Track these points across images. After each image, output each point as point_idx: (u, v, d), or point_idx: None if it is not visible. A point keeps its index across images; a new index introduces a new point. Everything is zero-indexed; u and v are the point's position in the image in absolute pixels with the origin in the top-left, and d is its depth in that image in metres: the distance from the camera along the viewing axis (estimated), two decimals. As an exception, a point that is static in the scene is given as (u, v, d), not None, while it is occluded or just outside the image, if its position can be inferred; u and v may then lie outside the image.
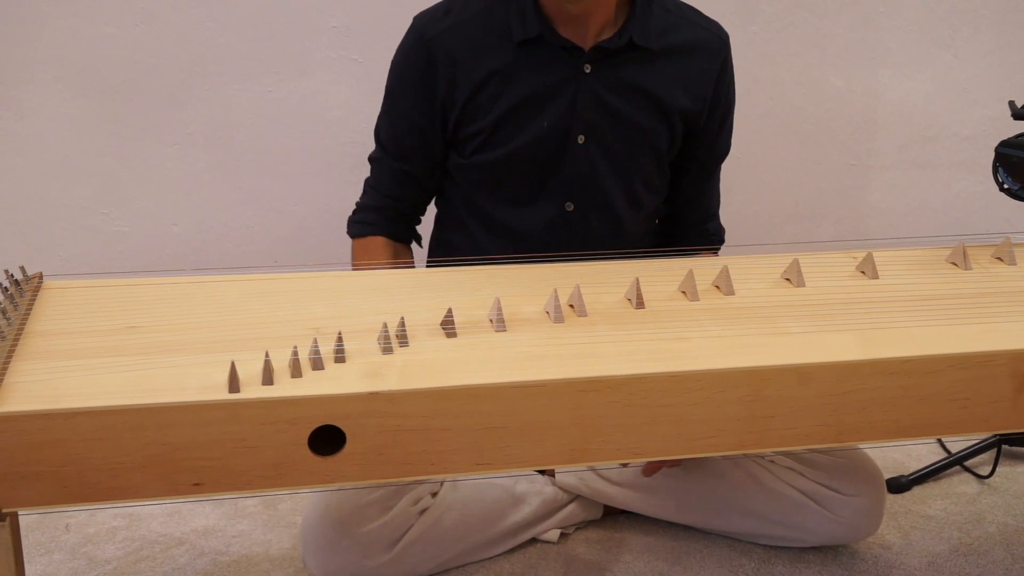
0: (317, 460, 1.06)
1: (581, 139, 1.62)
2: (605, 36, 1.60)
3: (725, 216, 1.85)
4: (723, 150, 1.78)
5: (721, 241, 1.83)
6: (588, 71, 1.59)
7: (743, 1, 2.30)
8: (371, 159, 1.74)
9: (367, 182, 1.75)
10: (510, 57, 1.59)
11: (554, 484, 1.74)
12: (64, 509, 1.58)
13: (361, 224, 1.73)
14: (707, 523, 1.75)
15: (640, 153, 1.67)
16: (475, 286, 1.32)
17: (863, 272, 1.38)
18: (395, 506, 1.58)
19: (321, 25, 2.19)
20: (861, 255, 1.40)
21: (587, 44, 1.59)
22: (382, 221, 1.73)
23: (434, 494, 1.65)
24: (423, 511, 1.62)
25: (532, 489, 1.73)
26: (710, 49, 1.68)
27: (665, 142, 1.68)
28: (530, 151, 1.62)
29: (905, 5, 2.38)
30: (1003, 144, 1.48)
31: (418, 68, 1.62)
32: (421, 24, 1.63)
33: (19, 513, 1.07)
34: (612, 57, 1.60)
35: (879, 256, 1.39)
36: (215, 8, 2.14)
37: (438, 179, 1.74)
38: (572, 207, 1.66)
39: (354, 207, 1.76)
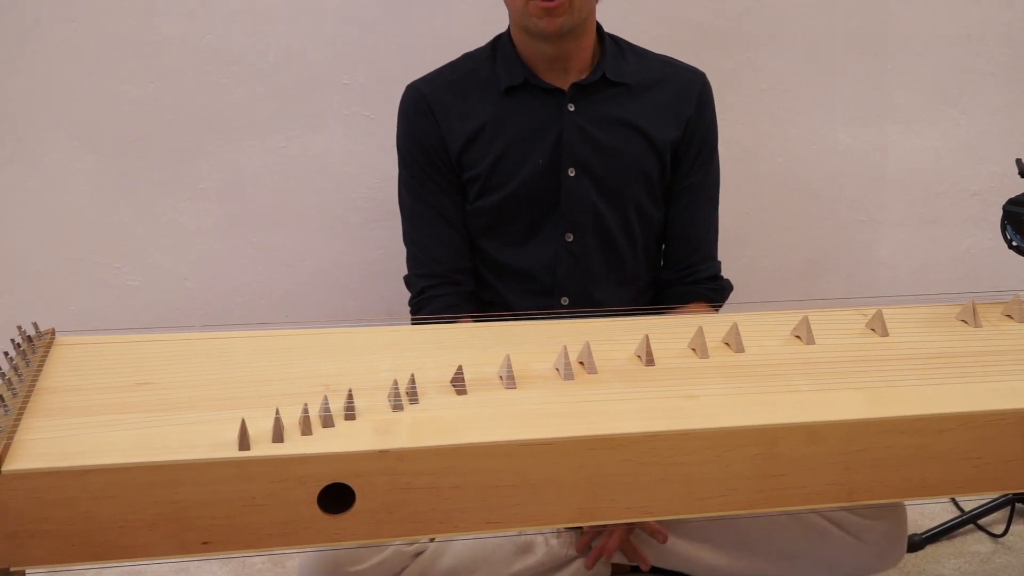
0: (326, 518, 1.05)
1: (572, 172, 1.71)
2: (582, 77, 1.72)
3: (735, 271, 1.86)
4: (708, 181, 1.81)
5: (722, 295, 1.83)
6: (572, 109, 1.71)
7: (751, 59, 2.32)
8: (405, 240, 1.80)
9: (411, 272, 1.80)
10: (498, 105, 1.72)
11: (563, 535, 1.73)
12: (72, 568, 1.57)
13: (431, 299, 1.75)
14: (731, 567, 1.73)
15: (630, 181, 1.74)
16: (485, 343, 1.32)
17: (873, 329, 1.38)
18: (389, 547, 1.59)
19: (333, 82, 2.22)
20: (871, 312, 1.40)
21: (567, 85, 1.71)
22: (451, 292, 1.76)
23: (432, 538, 1.64)
24: (418, 554, 1.63)
25: (538, 539, 1.72)
26: (685, 82, 1.78)
27: (655, 170, 1.75)
28: (527, 189, 1.71)
29: (912, 63, 2.40)
30: (1011, 202, 1.49)
31: (420, 118, 1.74)
32: (415, 85, 1.78)
33: (26, 572, 1.07)
34: (592, 93, 1.72)
35: (889, 313, 1.39)
36: (229, 65, 2.17)
37: (465, 214, 1.78)
38: (572, 238, 1.74)
39: (411, 296, 1.79)
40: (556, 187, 1.72)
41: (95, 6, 2.08)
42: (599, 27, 1.75)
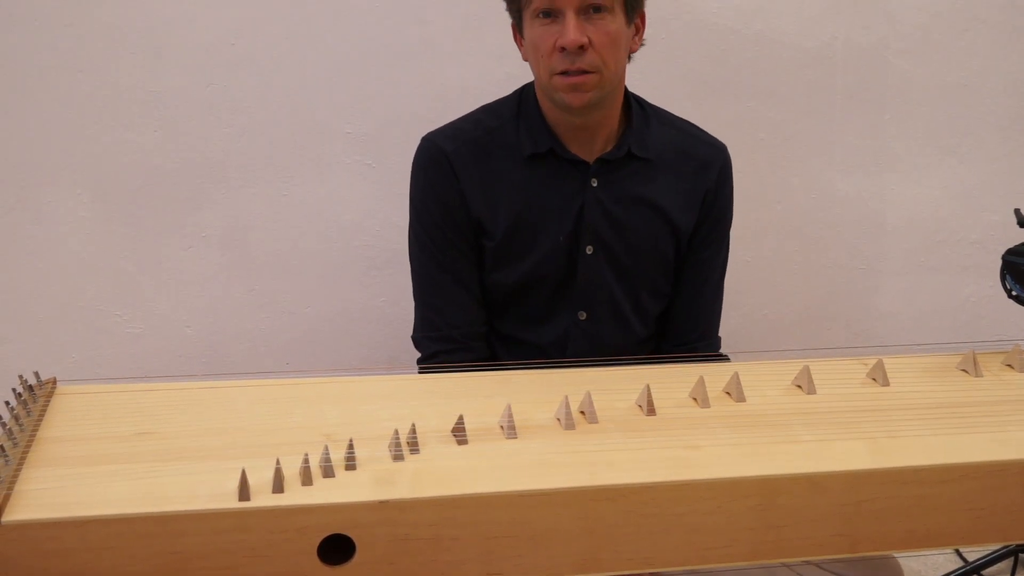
0: (326, 570, 1.05)
1: (590, 250, 1.66)
2: (607, 150, 1.65)
3: (736, 319, 1.86)
4: (719, 259, 1.79)
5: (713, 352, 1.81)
6: (594, 184, 1.64)
7: (750, 108, 2.34)
8: (416, 297, 1.73)
9: (423, 334, 1.73)
10: (520, 171, 1.64)
11: None
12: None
13: (443, 363, 1.66)
14: None
15: (646, 262, 1.70)
16: (486, 392, 1.32)
17: (874, 379, 1.38)
18: None
19: (336, 131, 2.23)
20: (872, 361, 1.40)
21: (592, 159, 1.64)
22: (465, 358, 1.66)
23: None
24: None
25: None
26: (707, 159, 1.72)
27: (671, 251, 1.71)
28: (545, 266, 1.66)
29: (910, 112, 2.42)
30: (1009, 252, 1.49)
31: (439, 175, 1.65)
32: (434, 139, 1.68)
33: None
34: (615, 170, 1.65)
35: (889, 363, 1.39)
36: (232, 114, 2.19)
37: (481, 282, 1.71)
38: (585, 316, 1.69)
39: (420, 356, 1.73)
40: (573, 264, 1.67)
41: (101, 56, 2.10)
42: (626, 90, 1.68)
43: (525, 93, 1.69)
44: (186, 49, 2.13)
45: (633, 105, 1.68)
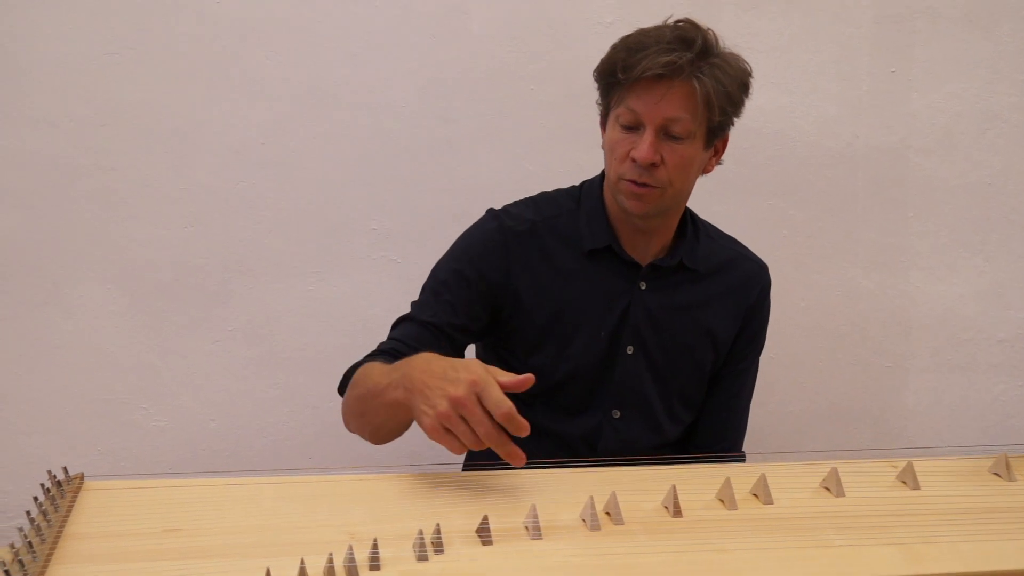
0: (349, 674, 1.03)
1: (630, 349, 1.67)
2: (660, 256, 1.67)
3: (761, 415, 1.85)
4: (751, 374, 1.80)
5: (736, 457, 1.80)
6: (643, 287, 1.66)
7: (773, 205, 2.36)
8: (396, 322, 1.68)
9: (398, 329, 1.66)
10: (574, 262, 1.66)
11: None
12: None
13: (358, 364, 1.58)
14: None
15: (683, 369, 1.71)
16: (511, 491, 1.31)
17: (904, 482, 1.36)
18: None
19: (361, 227, 2.26)
20: (901, 464, 1.39)
21: (645, 262, 1.67)
22: (387, 359, 1.54)
23: None
24: None
25: None
26: (750, 275, 1.76)
27: (709, 362, 1.73)
28: (583, 359, 1.66)
29: (934, 210, 2.43)
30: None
31: (493, 253, 1.65)
32: (498, 215, 1.68)
33: None
34: (665, 276, 1.67)
35: (919, 465, 1.38)
36: (260, 211, 2.22)
37: (455, 351, 1.66)
38: (619, 414, 1.69)
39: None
40: (612, 362, 1.68)
41: (134, 155, 2.15)
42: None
43: (587, 188, 1.72)
44: (216, 149, 2.18)
45: (687, 218, 1.71)
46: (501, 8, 2.22)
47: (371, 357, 1.58)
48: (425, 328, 1.62)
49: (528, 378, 1.24)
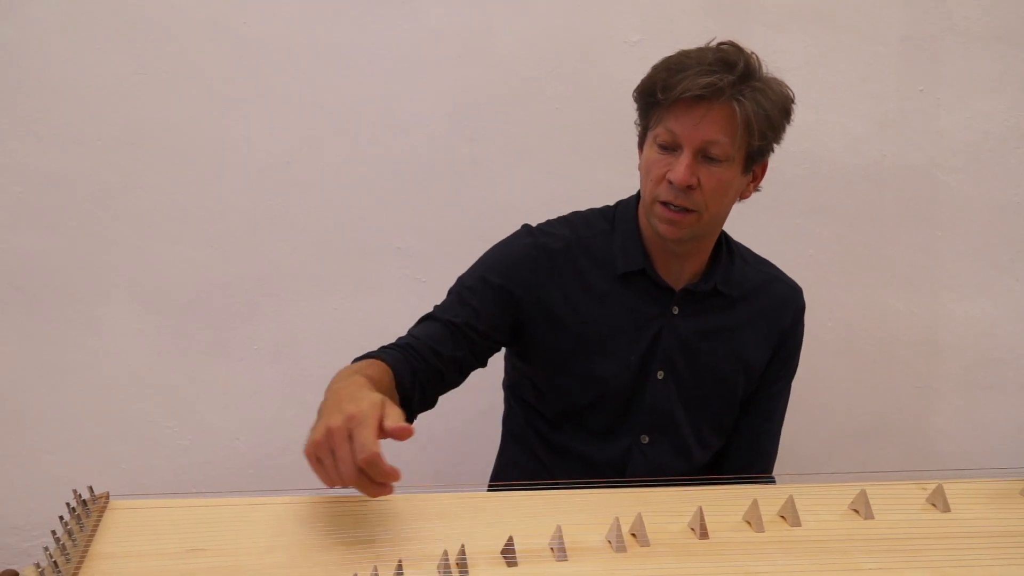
0: None
1: (660, 375, 1.65)
2: (694, 281, 1.65)
3: (788, 435, 1.83)
4: (783, 400, 1.78)
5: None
6: (675, 312, 1.64)
7: (798, 225, 2.35)
8: (418, 321, 1.68)
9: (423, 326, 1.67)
10: (606, 284, 1.64)
11: None
12: None
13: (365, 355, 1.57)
14: None
15: (714, 395, 1.69)
16: (537, 512, 1.30)
17: (934, 504, 1.35)
18: None
19: (386, 246, 2.26)
20: (931, 486, 1.37)
21: (679, 286, 1.65)
22: (397, 354, 1.56)
23: None
24: None
25: None
26: (784, 298, 1.73)
27: (740, 388, 1.71)
28: (611, 383, 1.64)
29: (963, 230, 2.41)
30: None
31: (525, 269, 1.63)
32: (533, 232, 1.67)
33: None
34: (698, 301, 1.65)
35: (950, 488, 1.36)
36: (285, 230, 2.23)
37: (476, 357, 1.66)
38: (647, 439, 1.67)
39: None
40: (642, 387, 1.66)
41: (163, 176, 2.17)
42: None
43: (622, 209, 1.70)
44: (244, 169, 2.19)
45: (723, 242, 1.69)
46: (526, 28, 2.22)
47: (381, 350, 1.58)
48: (445, 327, 1.62)
49: (407, 429, 1.19)
